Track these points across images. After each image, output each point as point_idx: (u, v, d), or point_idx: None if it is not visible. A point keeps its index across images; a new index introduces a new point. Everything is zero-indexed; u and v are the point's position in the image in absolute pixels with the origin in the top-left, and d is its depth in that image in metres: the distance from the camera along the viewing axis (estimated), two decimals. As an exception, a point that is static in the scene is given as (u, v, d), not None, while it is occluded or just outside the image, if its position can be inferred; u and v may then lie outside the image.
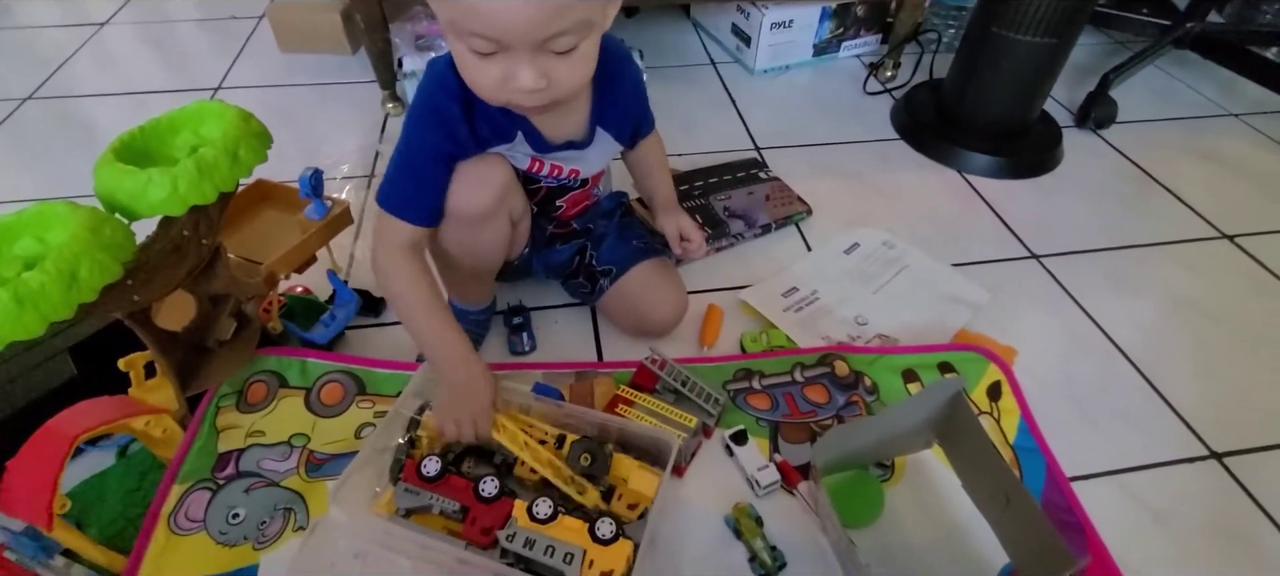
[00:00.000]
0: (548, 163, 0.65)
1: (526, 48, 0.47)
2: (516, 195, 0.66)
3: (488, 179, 0.61)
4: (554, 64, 0.49)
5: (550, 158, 0.64)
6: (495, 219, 0.64)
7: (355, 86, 1.24)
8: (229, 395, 0.66)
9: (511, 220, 0.66)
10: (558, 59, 0.49)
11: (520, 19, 0.45)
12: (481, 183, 0.61)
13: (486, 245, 0.66)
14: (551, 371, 0.72)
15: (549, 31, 0.46)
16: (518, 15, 0.45)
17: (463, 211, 0.61)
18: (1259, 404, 0.73)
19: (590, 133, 0.65)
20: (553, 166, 0.65)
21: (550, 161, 0.65)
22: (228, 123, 0.52)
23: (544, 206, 0.73)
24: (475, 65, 0.50)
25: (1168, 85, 1.31)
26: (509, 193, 0.63)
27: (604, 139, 0.66)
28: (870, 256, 0.89)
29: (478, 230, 0.64)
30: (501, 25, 0.46)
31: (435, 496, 0.55)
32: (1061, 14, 0.94)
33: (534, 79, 0.49)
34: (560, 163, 0.65)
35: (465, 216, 0.62)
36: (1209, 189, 1.04)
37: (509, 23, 0.45)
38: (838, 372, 0.71)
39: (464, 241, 0.65)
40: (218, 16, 1.50)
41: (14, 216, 0.45)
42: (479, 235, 0.64)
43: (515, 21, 0.45)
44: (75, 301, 0.42)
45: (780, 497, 0.62)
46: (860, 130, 1.16)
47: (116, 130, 0.52)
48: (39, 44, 1.39)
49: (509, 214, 0.65)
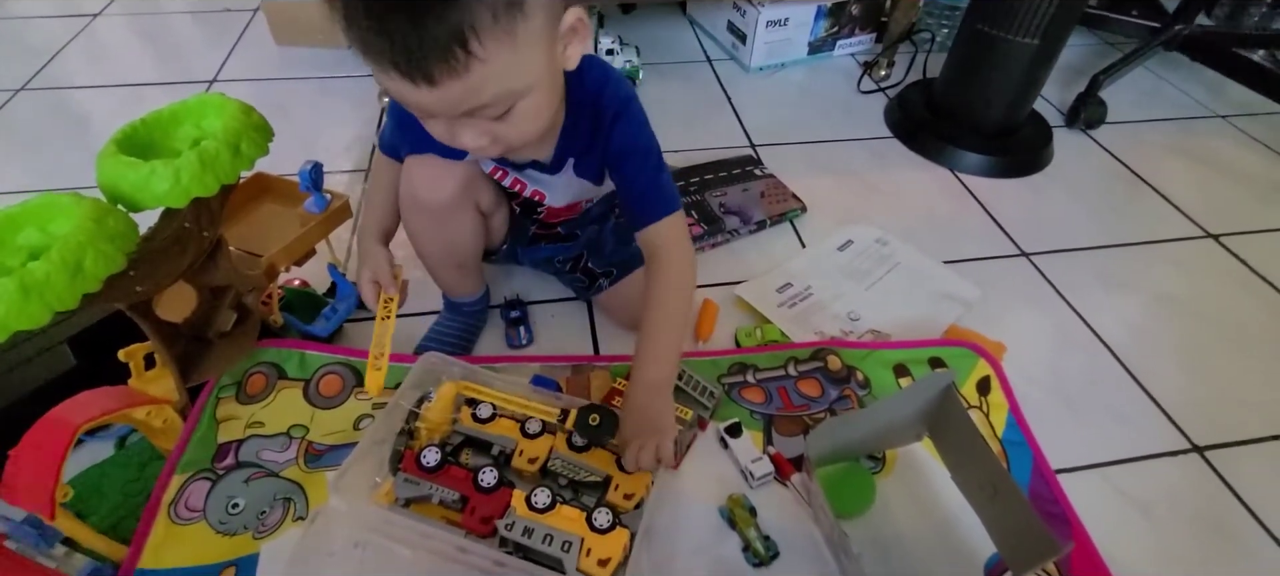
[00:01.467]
0: (512, 175, 0.63)
1: (448, 116, 0.45)
2: (484, 187, 0.65)
3: (449, 171, 0.61)
4: (494, 125, 0.46)
5: (513, 173, 0.63)
6: (461, 209, 0.63)
7: (351, 80, 1.24)
8: (229, 386, 0.67)
9: (482, 211, 0.66)
10: (496, 121, 0.46)
11: (427, 102, 0.42)
12: (444, 174, 0.61)
13: (456, 235, 0.66)
14: (549, 364, 0.73)
15: (466, 107, 0.43)
16: (427, 100, 0.42)
17: (427, 202, 0.62)
18: (1240, 399, 0.75)
19: (558, 160, 0.60)
20: (516, 181, 0.64)
21: (514, 175, 0.63)
22: (229, 116, 0.53)
23: (526, 208, 0.72)
24: (428, 123, 0.48)
25: (1156, 86, 1.33)
26: (473, 183, 0.63)
27: (567, 177, 0.62)
28: (863, 253, 0.91)
29: (444, 221, 0.64)
30: (418, 107, 0.44)
31: (435, 486, 0.56)
32: (1051, 16, 0.95)
33: (475, 138, 0.46)
34: (523, 181, 0.63)
35: (428, 206, 0.62)
36: (1195, 189, 1.06)
37: (418, 104, 0.43)
38: (830, 367, 0.72)
39: (436, 235, 0.65)
40: (211, 9, 1.49)
41: (18, 207, 0.45)
42: (447, 226, 0.64)
43: (427, 104, 0.43)
44: (80, 291, 0.43)
45: (773, 489, 0.63)
46: (854, 128, 1.17)
47: (110, 122, 0.52)
48: (31, 34, 1.38)
49: (476, 204, 0.65)
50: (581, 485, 0.59)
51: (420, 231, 0.66)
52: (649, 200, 0.58)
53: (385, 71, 0.40)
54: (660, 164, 0.59)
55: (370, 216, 0.66)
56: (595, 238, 0.77)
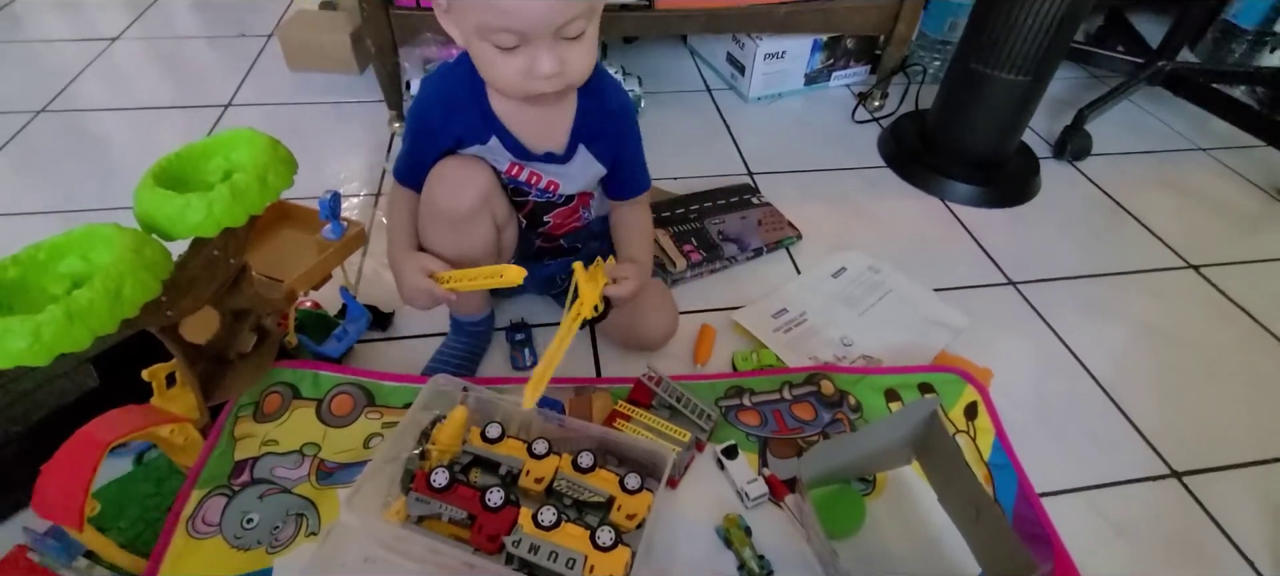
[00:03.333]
0: (527, 169, 0.69)
1: (545, 38, 0.54)
2: (500, 200, 0.70)
3: (471, 180, 0.66)
4: (567, 49, 0.56)
5: (530, 165, 0.69)
6: (479, 220, 0.67)
7: (362, 105, 1.28)
8: (247, 405, 0.69)
9: (496, 224, 0.70)
10: (570, 45, 0.56)
11: (540, 12, 0.53)
12: (465, 183, 0.65)
13: (472, 245, 0.69)
14: (552, 386, 0.75)
15: (564, 18, 0.54)
16: (539, 9, 0.52)
17: (448, 210, 0.66)
18: (1218, 426, 0.78)
19: (571, 147, 0.68)
20: (532, 174, 0.70)
21: (529, 169, 0.69)
22: (258, 150, 0.56)
23: (532, 220, 0.76)
24: (499, 61, 0.56)
25: (1140, 119, 1.38)
26: (491, 195, 0.67)
27: (585, 157, 0.69)
28: (856, 280, 0.94)
29: (463, 230, 0.68)
30: (525, 19, 0.53)
31: (444, 505, 0.58)
32: (1037, 54, 1.00)
33: (552, 64, 0.56)
34: (539, 171, 0.70)
35: (448, 215, 0.66)
36: (1177, 220, 1.10)
37: (531, 16, 0.53)
38: (824, 391, 0.75)
39: (450, 242, 0.68)
40: (226, 34, 1.54)
41: (63, 237, 0.48)
42: (464, 235, 0.68)
43: (536, 14, 0.53)
44: (119, 317, 0.46)
45: (768, 509, 0.65)
46: (848, 157, 1.21)
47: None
48: (50, 58, 1.42)
49: (493, 216, 0.69)
50: (585, 504, 0.61)
51: (438, 241, 0.69)
52: (639, 179, 0.75)
53: None
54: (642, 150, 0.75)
55: (398, 238, 0.70)
56: (595, 252, 0.80)
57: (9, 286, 0.47)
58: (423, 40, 1.12)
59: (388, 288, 0.89)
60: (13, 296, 0.46)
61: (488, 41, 0.55)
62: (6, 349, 0.42)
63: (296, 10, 1.51)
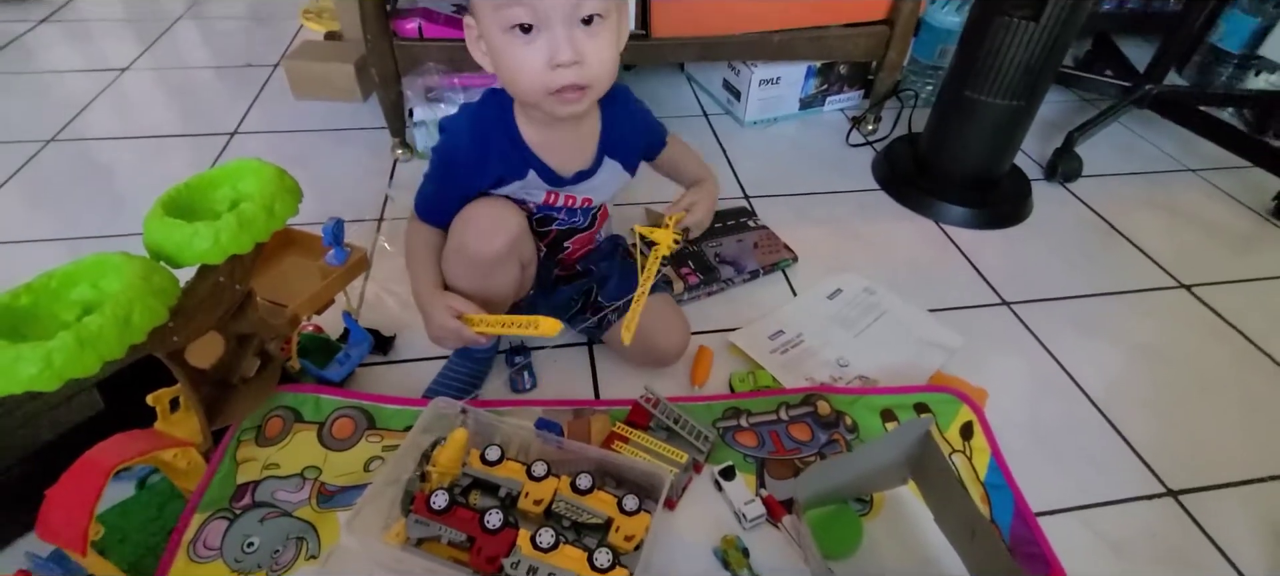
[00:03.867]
0: (562, 194, 0.71)
1: (561, 20, 0.55)
2: (527, 242, 0.72)
3: (502, 226, 0.67)
4: (584, 39, 0.57)
5: (565, 190, 0.71)
6: (507, 263, 0.69)
7: (366, 132, 1.31)
8: (249, 429, 0.70)
9: (521, 264, 0.72)
10: (587, 35, 0.57)
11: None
12: (496, 229, 0.67)
13: (497, 287, 0.71)
14: (551, 408, 0.76)
15: (591, 7, 0.55)
16: None
17: (478, 255, 0.67)
18: (1212, 444, 0.78)
19: (598, 161, 0.71)
20: (567, 198, 0.72)
21: (565, 193, 0.71)
22: (265, 180, 0.58)
23: (551, 250, 0.78)
24: (519, 53, 0.57)
25: (1131, 141, 1.40)
26: (521, 239, 0.69)
27: (611, 167, 0.73)
28: (852, 302, 0.95)
29: (490, 273, 0.69)
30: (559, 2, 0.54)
31: (444, 527, 0.59)
32: (1026, 79, 1.02)
33: (572, 51, 0.56)
34: (573, 193, 0.72)
35: (480, 259, 0.67)
36: (1168, 240, 1.11)
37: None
38: (820, 412, 0.76)
39: (476, 283, 0.70)
40: (233, 64, 1.57)
41: (74, 265, 0.50)
42: (491, 277, 0.70)
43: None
44: (128, 342, 0.47)
45: (766, 530, 0.66)
46: (843, 180, 1.23)
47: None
48: (60, 88, 1.45)
49: (519, 258, 0.71)
50: (584, 526, 0.62)
51: (463, 280, 0.70)
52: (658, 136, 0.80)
53: None
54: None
55: (422, 275, 0.71)
56: (606, 273, 0.82)
57: (21, 314, 0.48)
58: (425, 69, 1.15)
59: (390, 312, 0.90)
60: (25, 323, 0.47)
61: (506, 29, 0.56)
62: (18, 375, 0.43)
63: (303, 41, 1.54)
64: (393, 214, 1.09)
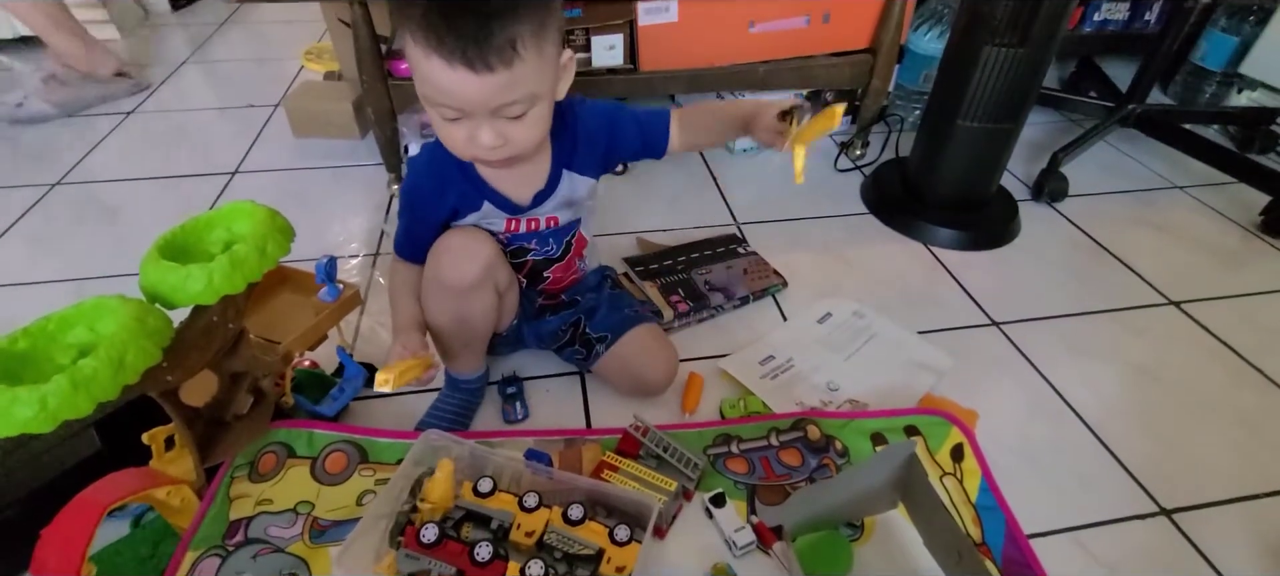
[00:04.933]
0: (524, 220, 0.73)
1: (483, 114, 0.58)
2: (502, 268, 0.74)
3: (475, 253, 0.69)
4: (508, 126, 0.60)
5: (526, 215, 0.73)
6: (482, 290, 0.71)
7: (362, 168, 1.34)
8: (242, 466, 0.71)
9: (498, 291, 0.74)
10: (512, 122, 0.60)
11: (474, 93, 0.56)
12: (469, 256, 0.69)
13: (475, 315, 0.73)
14: (542, 438, 0.77)
15: (499, 102, 0.57)
16: (472, 91, 0.56)
17: (450, 282, 0.69)
18: (1205, 461, 0.78)
19: (555, 178, 0.73)
20: (530, 221, 0.74)
21: (526, 218, 0.73)
22: (257, 221, 0.59)
23: (532, 279, 0.80)
24: (446, 127, 0.61)
25: (1117, 160, 1.42)
26: (494, 265, 0.71)
27: (570, 179, 0.73)
28: (841, 325, 0.96)
29: (465, 300, 0.71)
30: (460, 98, 0.57)
31: (434, 561, 0.59)
32: (1005, 101, 1.04)
33: (492, 138, 0.59)
34: (536, 217, 0.74)
35: (453, 287, 0.69)
36: (1157, 257, 1.12)
37: (465, 96, 0.56)
38: (810, 436, 0.76)
39: (453, 310, 0.72)
40: (236, 105, 1.61)
41: (73, 309, 0.51)
42: (467, 305, 0.72)
43: (470, 95, 0.56)
44: (121, 383, 0.48)
45: (757, 557, 0.66)
46: (832, 205, 1.25)
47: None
48: (66, 132, 1.49)
49: (495, 285, 0.73)
50: (575, 558, 0.62)
51: (439, 310, 0.73)
52: (656, 123, 0.76)
53: (451, 64, 0.54)
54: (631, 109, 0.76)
55: (404, 315, 0.73)
56: (593, 304, 0.83)
57: (19, 357, 0.49)
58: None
59: (384, 346, 0.91)
60: (22, 367, 0.49)
61: (435, 110, 0.60)
62: (13, 417, 0.44)
63: (303, 81, 1.58)
64: (388, 248, 1.11)
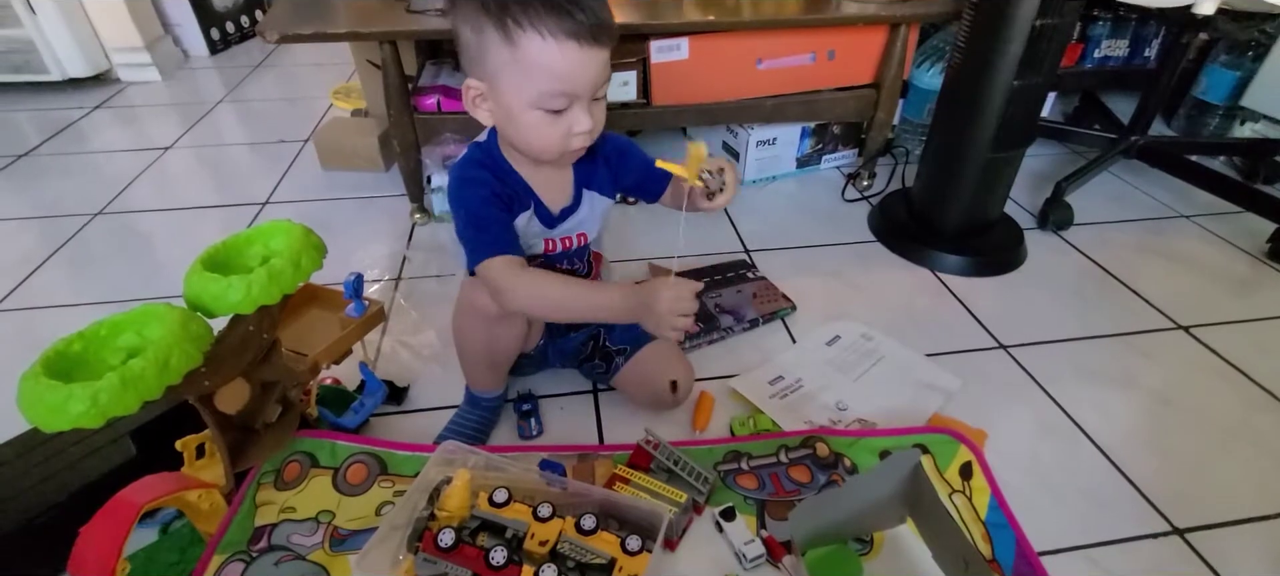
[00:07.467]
0: (558, 239, 0.77)
1: (588, 97, 0.64)
2: None
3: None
4: (597, 108, 0.66)
5: (558, 231, 0.76)
6: (512, 319, 0.75)
7: (387, 199, 1.39)
8: (269, 473, 0.73)
9: (528, 319, 0.77)
10: (597, 103, 0.66)
11: (595, 71, 0.63)
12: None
13: (504, 339, 0.76)
14: (556, 453, 0.79)
15: (603, 78, 0.64)
16: (594, 69, 0.63)
17: (484, 309, 0.72)
18: (1217, 481, 0.78)
19: (578, 195, 0.76)
20: (563, 240, 0.77)
21: (560, 237, 0.76)
22: (293, 238, 0.63)
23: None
24: (545, 127, 0.65)
25: (1123, 191, 1.44)
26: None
27: (591, 198, 0.77)
28: (850, 347, 0.98)
29: (494, 326, 0.75)
30: (581, 79, 0.62)
31: (450, 565, 0.61)
32: (1003, 129, 1.07)
33: (589, 122, 0.65)
34: (568, 233, 0.77)
35: (485, 313, 0.73)
36: (1164, 284, 1.13)
37: (587, 76, 0.62)
38: (819, 454, 0.78)
39: (485, 335, 0.75)
40: (267, 140, 1.69)
41: (124, 315, 0.55)
42: (498, 331, 0.75)
43: (592, 73, 0.63)
44: (165, 384, 0.52)
45: (766, 571, 0.67)
46: (840, 233, 1.28)
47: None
48: (109, 167, 1.57)
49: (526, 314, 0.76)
50: (588, 566, 0.63)
51: (471, 333, 0.76)
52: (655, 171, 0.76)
53: (583, 43, 0.60)
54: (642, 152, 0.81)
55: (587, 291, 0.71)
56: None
57: (73, 359, 0.53)
58: (443, 139, 1.23)
59: (404, 364, 0.94)
60: (76, 367, 0.52)
61: (541, 109, 0.63)
62: (68, 411, 0.48)
63: (331, 118, 1.66)
64: (410, 272, 1.15)
